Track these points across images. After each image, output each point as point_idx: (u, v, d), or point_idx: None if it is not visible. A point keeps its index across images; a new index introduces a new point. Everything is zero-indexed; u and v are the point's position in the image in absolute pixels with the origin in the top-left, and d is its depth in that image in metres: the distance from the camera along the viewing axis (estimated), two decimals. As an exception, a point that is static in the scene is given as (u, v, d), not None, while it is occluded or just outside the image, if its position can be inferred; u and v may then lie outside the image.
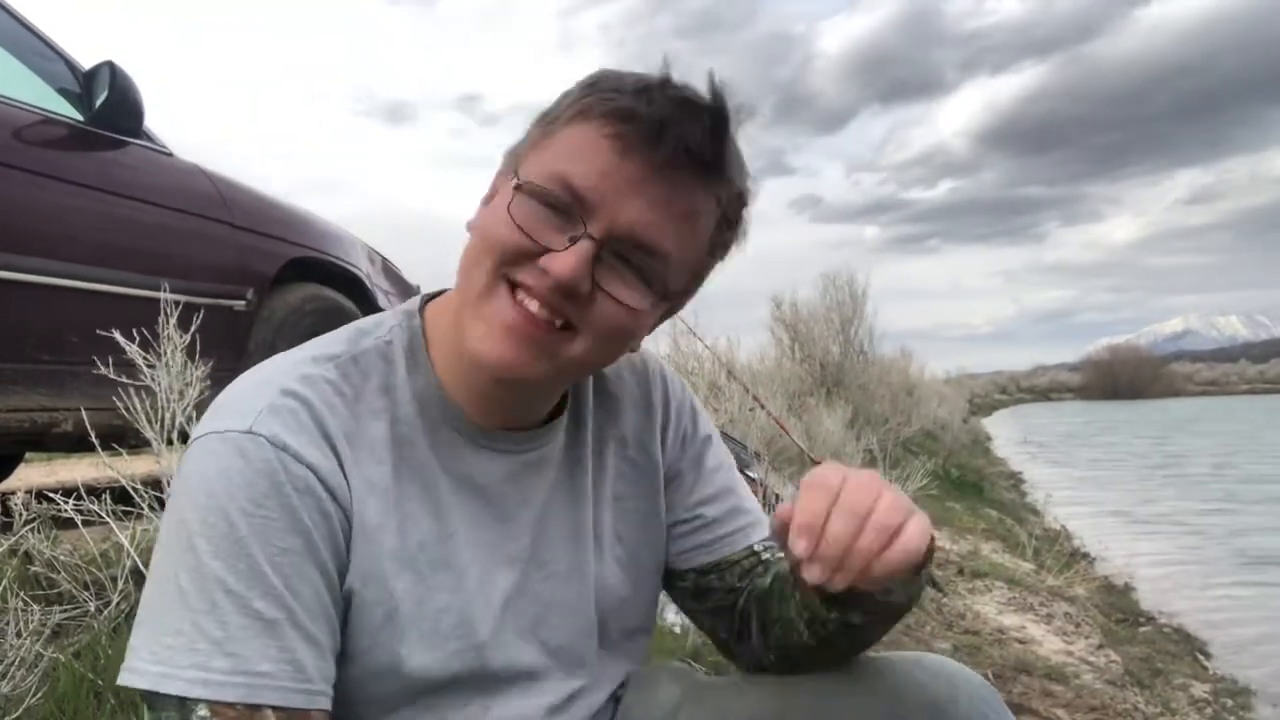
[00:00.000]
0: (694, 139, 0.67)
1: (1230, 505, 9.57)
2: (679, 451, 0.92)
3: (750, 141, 0.73)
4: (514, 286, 0.69)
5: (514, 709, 0.77)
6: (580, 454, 0.84)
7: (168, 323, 1.82)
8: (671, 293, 0.74)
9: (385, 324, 0.78)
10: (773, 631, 0.85)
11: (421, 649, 0.71)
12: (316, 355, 0.74)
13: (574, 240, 0.67)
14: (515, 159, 0.73)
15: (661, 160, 0.67)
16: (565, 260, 0.67)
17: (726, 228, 0.75)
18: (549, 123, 0.71)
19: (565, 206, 0.68)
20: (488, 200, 0.74)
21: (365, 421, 0.71)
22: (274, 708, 0.61)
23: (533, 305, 0.68)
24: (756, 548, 0.91)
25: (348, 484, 0.68)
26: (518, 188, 0.69)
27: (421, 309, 0.80)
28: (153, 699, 0.61)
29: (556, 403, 0.82)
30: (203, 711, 0.60)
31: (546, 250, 0.68)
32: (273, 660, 0.62)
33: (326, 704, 0.65)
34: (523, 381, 0.71)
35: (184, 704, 0.60)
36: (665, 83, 0.69)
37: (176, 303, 1.86)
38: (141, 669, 0.61)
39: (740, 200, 0.74)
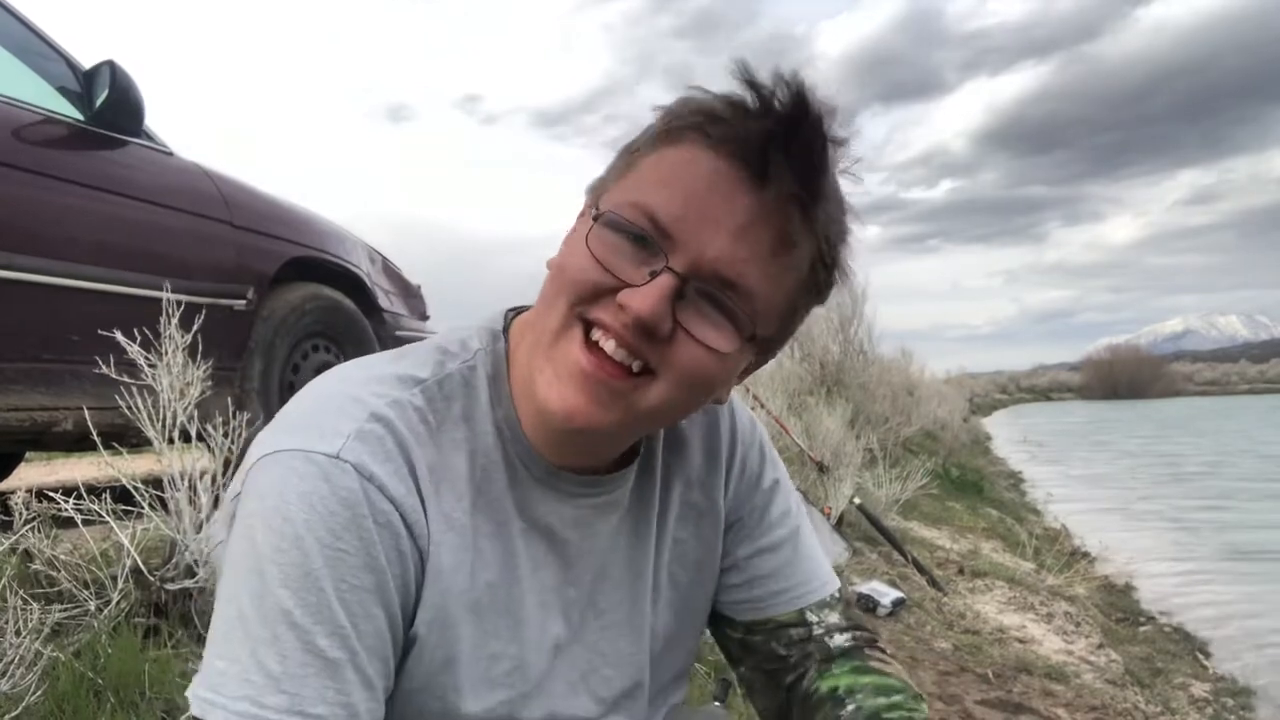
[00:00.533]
0: (796, 163, 0.61)
1: (1217, 502, 9.86)
2: (742, 496, 0.86)
3: (854, 169, 0.66)
4: (589, 327, 0.64)
5: None
6: (648, 498, 0.80)
7: (169, 322, 1.82)
8: (760, 337, 0.67)
9: (470, 346, 0.73)
10: None
11: (473, 696, 0.68)
12: (403, 376, 0.69)
13: (654, 274, 0.62)
14: (597, 193, 0.68)
15: (757, 186, 0.62)
16: (645, 295, 0.61)
17: (823, 268, 0.67)
18: (632, 152, 0.67)
19: (647, 238, 0.62)
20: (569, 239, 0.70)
21: (447, 453, 0.67)
22: None
23: (609, 345, 0.63)
24: (810, 616, 0.85)
25: (427, 522, 0.65)
26: (596, 218, 0.64)
27: (506, 327, 0.75)
28: None
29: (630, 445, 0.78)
30: None
31: (624, 285, 0.62)
32: (329, 703, 0.59)
33: None
34: (593, 432, 0.66)
35: None
36: (762, 97, 0.62)
37: (177, 302, 1.86)
38: (197, 694, 0.59)
39: (841, 236, 0.67)
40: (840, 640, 0.85)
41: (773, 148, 0.61)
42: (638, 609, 0.79)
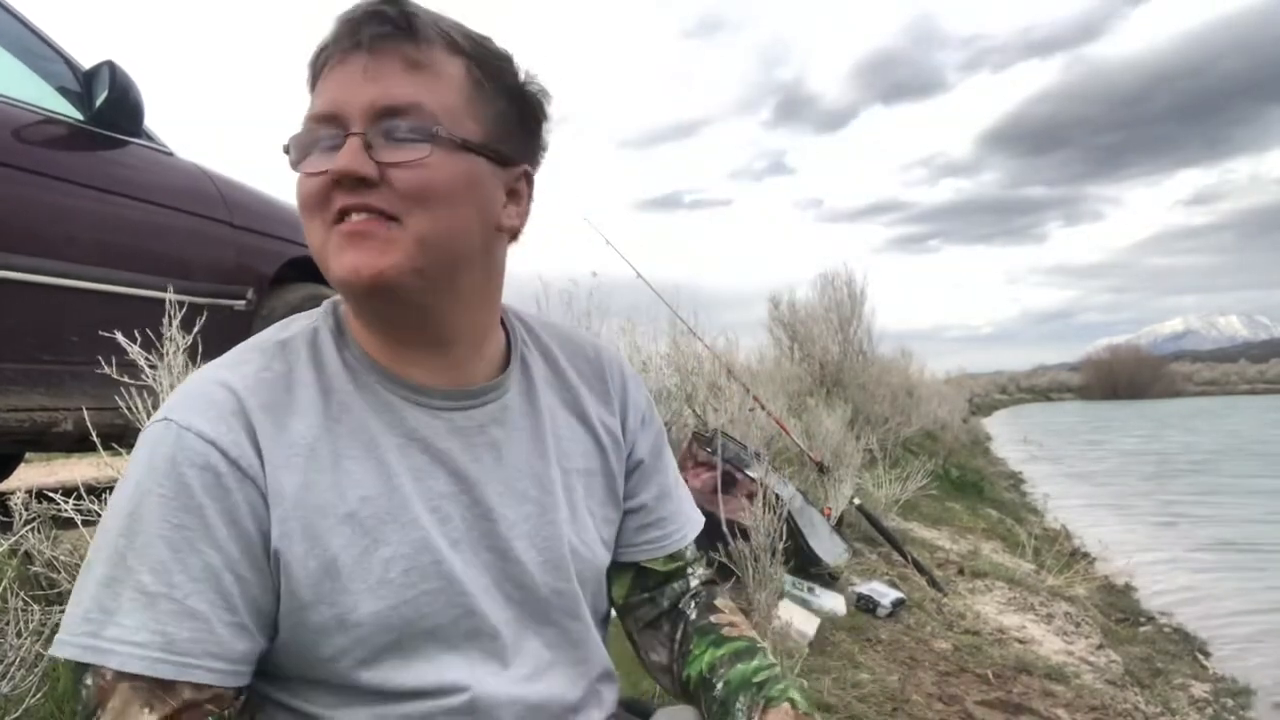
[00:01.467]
0: (385, 15, 0.72)
1: (1202, 497, 10.20)
2: (640, 436, 0.94)
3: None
4: (337, 222, 0.73)
5: (480, 669, 0.77)
6: (538, 418, 0.86)
7: (169, 323, 1.82)
8: (462, 138, 0.74)
9: (310, 315, 0.83)
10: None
11: (369, 599, 0.73)
12: (244, 346, 0.79)
13: (337, 147, 0.72)
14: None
15: (365, 45, 0.72)
16: (338, 158, 0.71)
17: (478, 63, 0.76)
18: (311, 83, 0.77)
19: (327, 135, 0.73)
20: None
21: (292, 390, 0.75)
22: (140, 676, 0.65)
23: (352, 218, 0.72)
24: (688, 553, 0.97)
25: (259, 452, 0.71)
26: (286, 150, 0.75)
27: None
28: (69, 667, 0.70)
29: (500, 367, 0.86)
30: (87, 680, 0.66)
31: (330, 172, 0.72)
32: (149, 631, 0.66)
33: (204, 677, 0.68)
34: (392, 283, 0.72)
35: (79, 669, 0.66)
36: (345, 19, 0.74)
37: (177, 302, 1.86)
38: (57, 639, 0.67)
39: (471, 37, 0.76)
40: (696, 598, 0.95)
41: (363, 13, 0.72)
42: (548, 519, 0.84)
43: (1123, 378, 63.10)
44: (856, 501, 4.37)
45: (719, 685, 0.87)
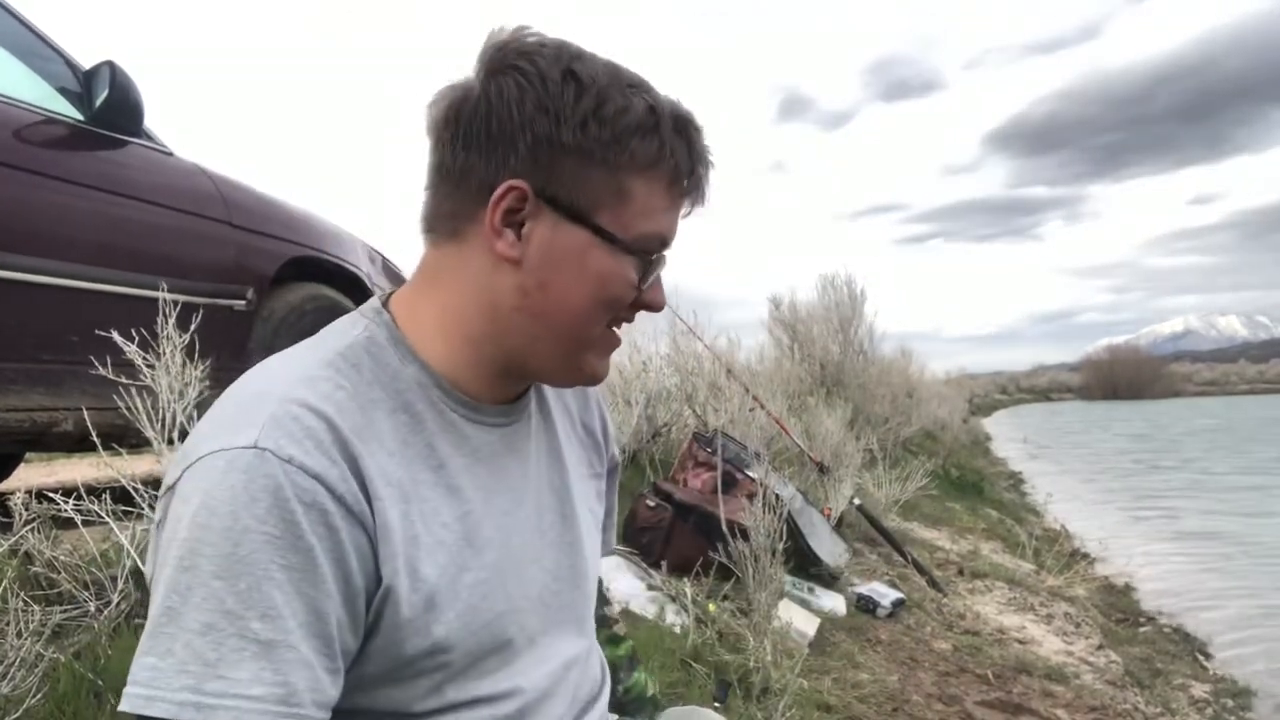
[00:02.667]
0: (708, 163, 0.78)
1: (1183, 491, 10.82)
2: (610, 442, 0.98)
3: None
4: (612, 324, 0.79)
5: (535, 674, 0.80)
6: (551, 429, 0.89)
7: (167, 322, 1.82)
8: None
9: (358, 322, 0.78)
10: None
11: (459, 626, 0.72)
12: (309, 358, 0.73)
13: (657, 275, 0.78)
14: (575, 198, 0.73)
15: (701, 200, 0.79)
16: (662, 294, 0.79)
17: None
18: (613, 168, 0.73)
19: (659, 262, 0.78)
20: (509, 214, 0.73)
21: (370, 414, 0.71)
22: None
23: (617, 329, 0.80)
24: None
25: (362, 486, 0.67)
26: (628, 250, 0.75)
27: (384, 304, 0.81)
28: None
29: None
30: None
31: (639, 292, 0.77)
32: (265, 684, 0.61)
33: None
34: None
35: None
36: (687, 124, 0.76)
37: (176, 302, 1.86)
38: (132, 692, 0.61)
39: None
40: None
41: (703, 171, 0.77)
42: (571, 524, 0.87)
43: (1122, 378, 63.12)
44: (856, 501, 4.37)
45: (620, 690, 1.02)
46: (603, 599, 1.05)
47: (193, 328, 1.86)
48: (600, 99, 0.72)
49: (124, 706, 0.61)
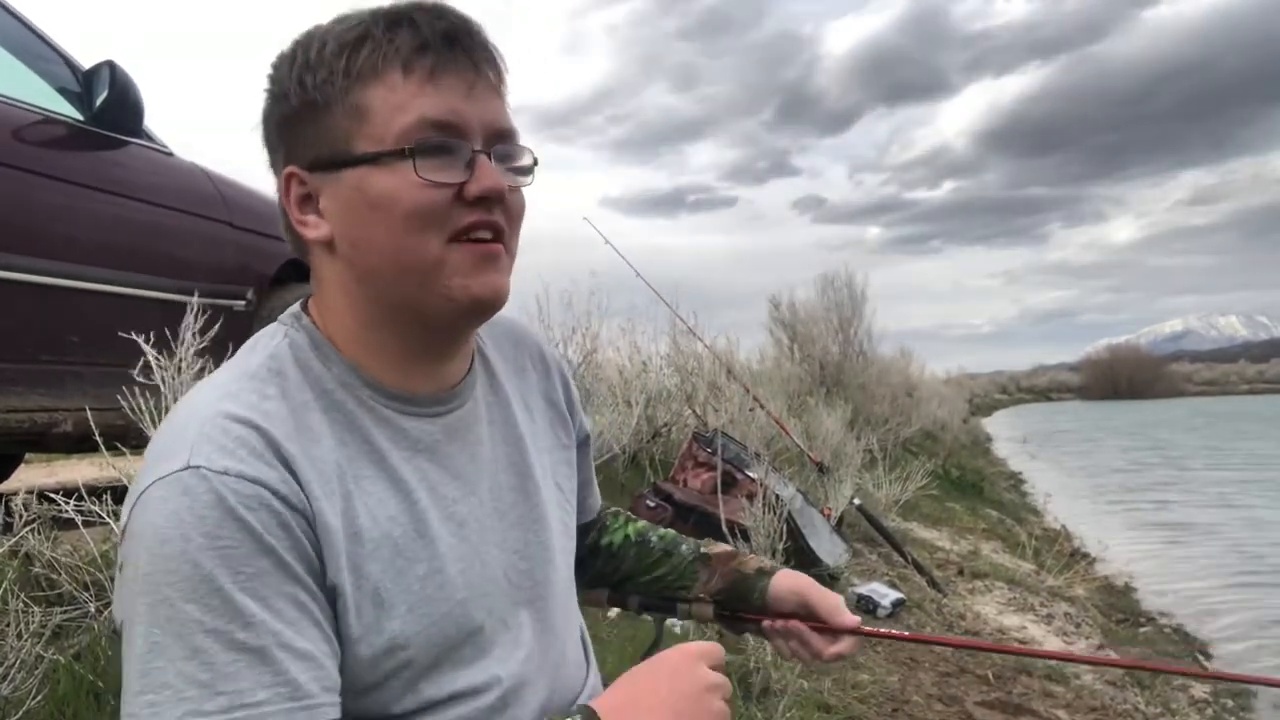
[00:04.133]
0: (478, 37, 0.72)
1: (1183, 491, 11.04)
2: (577, 412, 0.98)
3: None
4: (456, 238, 0.71)
5: (508, 659, 0.78)
6: (505, 407, 0.87)
7: (169, 324, 1.82)
8: (531, 170, 0.78)
9: (278, 332, 0.77)
10: (614, 576, 1.06)
11: (412, 621, 0.71)
12: (229, 374, 0.73)
13: (469, 163, 0.71)
14: (329, 147, 0.72)
15: (472, 62, 0.71)
16: (486, 175, 0.71)
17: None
18: (340, 98, 0.71)
19: (446, 145, 0.70)
20: (302, 201, 0.75)
21: (301, 416, 0.70)
22: None
23: (483, 235, 0.72)
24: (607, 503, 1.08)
25: (301, 487, 0.67)
26: (396, 155, 0.69)
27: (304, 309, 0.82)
28: None
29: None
30: None
31: (461, 184, 0.70)
32: (267, 687, 0.61)
33: (333, 712, 0.64)
34: (503, 304, 0.75)
35: None
36: (402, 14, 0.71)
37: (176, 302, 1.86)
38: None
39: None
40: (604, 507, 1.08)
41: (450, 26, 0.71)
42: (534, 503, 0.85)
43: (1122, 378, 63.09)
44: (856, 501, 4.37)
45: (654, 537, 1.06)
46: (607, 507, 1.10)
47: (193, 328, 1.85)
48: (305, 49, 0.72)
49: None
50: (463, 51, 0.71)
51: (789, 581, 0.99)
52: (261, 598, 0.62)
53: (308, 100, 0.71)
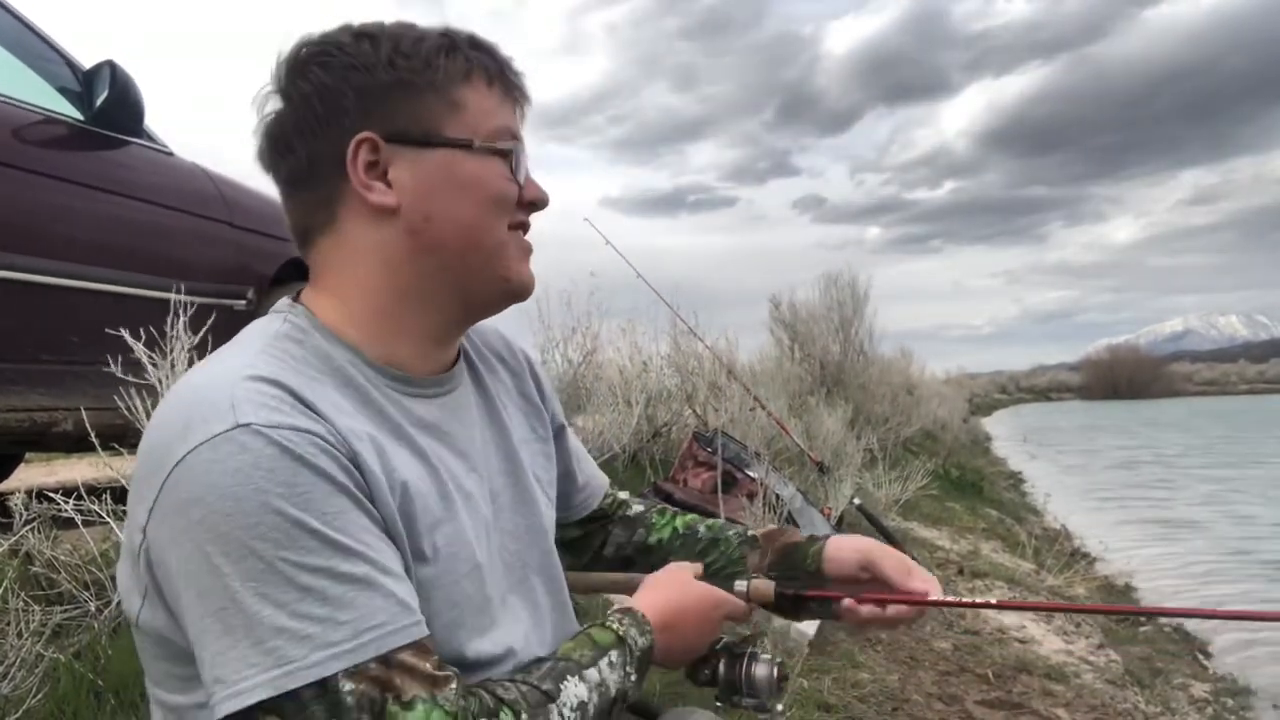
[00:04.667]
0: (514, 68, 0.83)
1: (1184, 490, 11.33)
2: (552, 404, 1.00)
3: None
4: (513, 228, 0.81)
5: (513, 634, 0.80)
6: (488, 397, 0.90)
7: (175, 323, 1.82)
8: None
9: (275, 318, 0.79)
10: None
11: (439, 569, 0.73)
12: (238, 348, 0.74)
13: (528, 173, 0.82)
14: (420, 126, 0.77)
15: (519, 94, 0.83)
16: (540, 187, 0.83)
17: None
18: (436, 86, 0.77)
19: (515, 153, 0.80)
20: (370, 167, 0.76)
21: (320, 387, 0.72)
22: (405, 648, 0.63)
23: (525, 236, 0.83)
24: (614, 493, 1.08)
25: (343, 436, 0.68)
26: (497, 152, 0.78)
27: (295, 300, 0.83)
28: (280, 707, 0.59)
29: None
30: (347, 686, 0.60)
31: (519, 185, 0.80)
32: (382, 609, 0.63)
33: (424, 629, 0.67)
34: (529, 296, 0.84)
35: (324, 687, 0.60)
36: (479, 40, 0.81)
37: (177, 302, 1.86)
38: (253, 682, 0.59)
39: None
40: (636, 505, 1.08)
41: (510, 71, 0.82)
42: (521, 485, 0.88)
43: (1122, 378, 63.08)
44: (856, 501, 4.37)
45: (702, 529, 1.04)
46: (649, 502, 1.10)
47: (205, 328, 1.85)
48: (395, 39, 0.77)
49: (249, 700, 0.59)
50: (517, 84, 0.82)
51: (850, 542, 0.97)
52: (350, 532, 0.64)
53: (400, 80, 0.76)
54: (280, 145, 0.78)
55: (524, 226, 0.82)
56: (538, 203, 0.82)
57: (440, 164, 0.77)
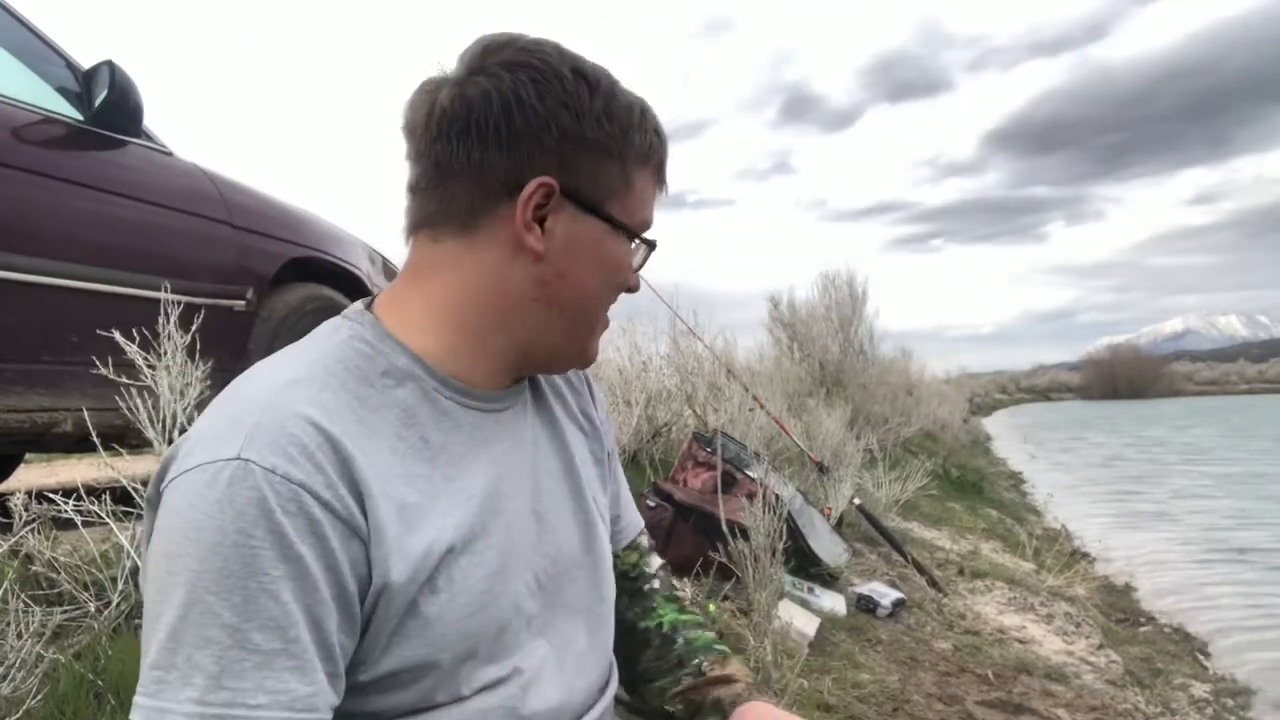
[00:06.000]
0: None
1: (1183, 489, 11.48)
2: (605, 429, 0.98)
3: None
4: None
5: (532, 657, 0.79)
6: (548, 411, 0.89)
7: (168, 323, 1.82)
8: None
9: (342, 325, 0.78)
10: (634, 671, 0.99)
11: (452, 610, 0.72)
12: (293, 360, 0.74)
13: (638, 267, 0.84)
14: (591, 190, 0.77)
15: (664, 187, 0.85)
16: (639, 279, 0.85)
17: None
18: (622, 160, 0.78)
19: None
20: (537, 209, 0.76)
21: (360, 412, 0.71)
22: None
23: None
24: (642, 542, 1.05)
25: (355, 488, 0.67)
26: (635, 240, 0.81)
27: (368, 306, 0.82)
28: None
29: None
30: None
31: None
32: (268, 692, 0.62)
33: None
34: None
35: None
36: (656, 117, 0.82)
37: (176, 303, 1.86)
38: (140, 703, 0.62)
39: None
40: (656, 571, 1.04)
41: (666, 172, 0.84)
42: (583, 508, 0.88)
43: (1122, 377, 63.11)
44: (856, 501, 4.37)
45: (679, 642, 0.98)
46: (669, 584, 1.05)
47: (194, 328, 1.86)
48: (609, 95, 0.77)
49: (134, 717, 0.62)
50: (667, 180, 0.85)
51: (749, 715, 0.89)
52: (282, 603, 0.63)
53: (600, 142, 0.76)
54: (456, 129, 0.74)
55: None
56: (633, 289, 0.85)
57: (594, 233, 0.78)
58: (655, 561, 1.06)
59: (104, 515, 1.62)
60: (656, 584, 1.03)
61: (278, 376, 0.71)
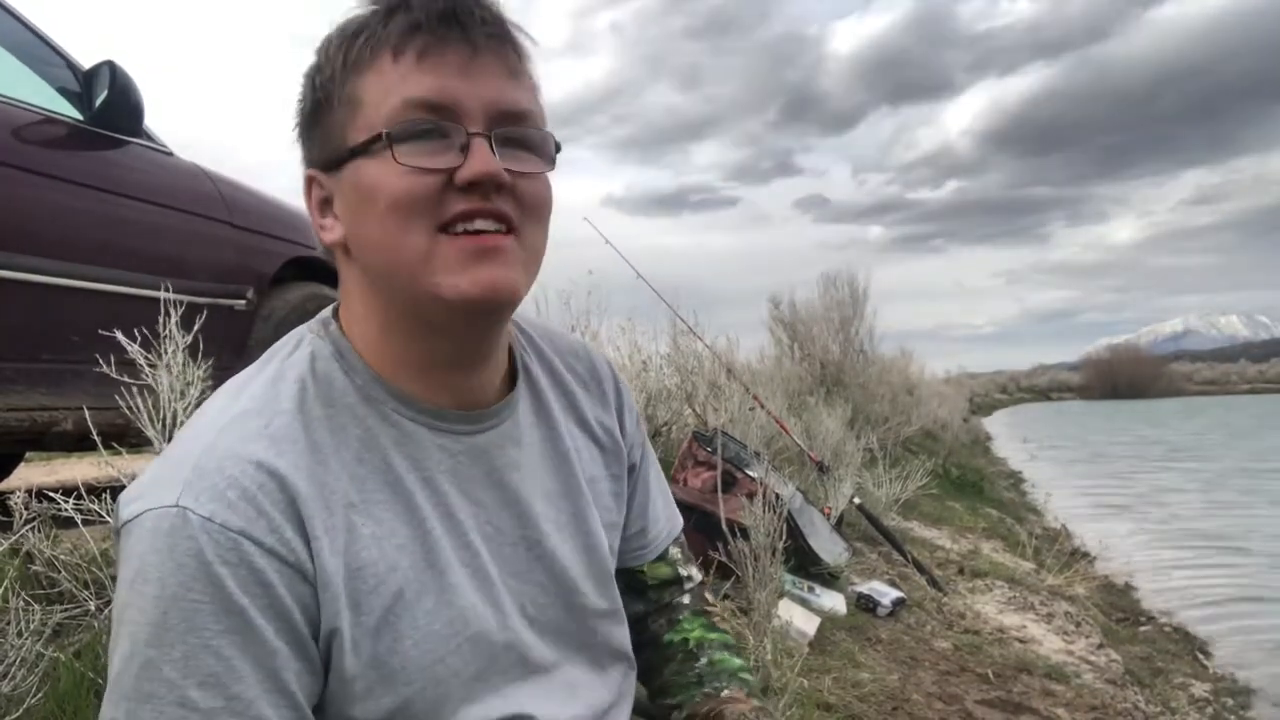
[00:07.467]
0: (487, 13, 0.68)
1: (1183, 489, 11.57)
2: (633, 437, 0.92)
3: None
4: (447, 228, 0.66)
5: (548, 706, 0.75)
6: (553, 432, 0.83)
7: (168, 322, 1.82)
8: (551, 156, 0.72)
9: (304, 339, 0.75)
10: (653, 684, 0.94)
11: (417, 654, 0.69)
12: (245, 389, 0.71)
13: (464, 146, 0.65)
14: (333, 144, 0.69)
15: (472, 39, 0.66)
16: (477, 159, 0.65)
17: (539, 89, 0.73)
18: (340, 91, 0.68)
19: (435, 126, 0.66)
20: (322, 204, 0.72)
21: (314, 434, 0.68)
22: None
23: (480, 224, 0.66)
24: (673, 553, 0.97)
25: (302, 530, 0.64)
26: (384, 137, 0.65)
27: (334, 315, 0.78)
28: None
29: (506, 380, 0.81)
30: None
31: (450, 170, 0.65)
32: None
33: None
34: (512, 300, 0.68)
35: None
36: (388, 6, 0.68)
37: (177, 302, 1.86)
38: None
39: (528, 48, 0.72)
40: (688, 586, 0.97)
41: (460, 14, 0.66)
42: (583, 531, 0.82)
43: (1123, 377, 63.07)
44: (856, 501, 4.37)
45: (703, 660, 0.92)
46: (701, 596, 0.99)
47: (195, 327, 1.86)
48: (320, 49, 0.71)
49: None
50: (459, 29, 0.66)
51: None
52: (224, 658, 0.60)
53: (316, 100, 0.70)
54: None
55: (464, 218, 0.66)
56: (477, 181, 0.65)
57: (350, 180, 0.68)
58: (691, 574, 0.99)
59: (104, 514, 1.62)
60: (686, 599, 0.97)
61: (227, 410, 0.68)
